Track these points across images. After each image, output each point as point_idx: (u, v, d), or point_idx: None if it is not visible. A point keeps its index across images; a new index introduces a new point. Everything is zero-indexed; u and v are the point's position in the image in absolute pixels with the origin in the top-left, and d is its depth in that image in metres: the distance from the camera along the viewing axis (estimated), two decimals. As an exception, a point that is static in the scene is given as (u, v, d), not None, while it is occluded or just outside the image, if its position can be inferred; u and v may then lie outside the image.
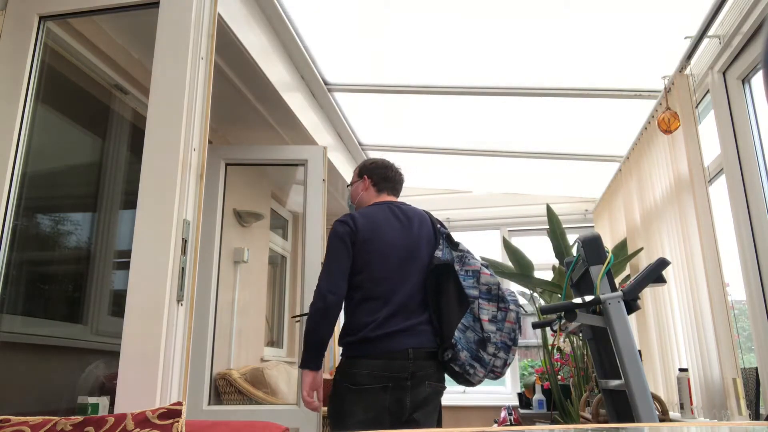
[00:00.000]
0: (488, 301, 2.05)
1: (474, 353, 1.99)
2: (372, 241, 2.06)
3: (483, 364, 1.99)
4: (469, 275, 2.09)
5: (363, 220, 2.10)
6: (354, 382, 1.92)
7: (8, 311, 2.13)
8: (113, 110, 2.76)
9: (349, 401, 1.92)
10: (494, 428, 1.04)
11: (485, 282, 2.07)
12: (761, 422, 2.23)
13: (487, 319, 2.01)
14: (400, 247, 2.09)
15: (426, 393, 1.98)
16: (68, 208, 2.63)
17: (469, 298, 2.04)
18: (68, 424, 1.21)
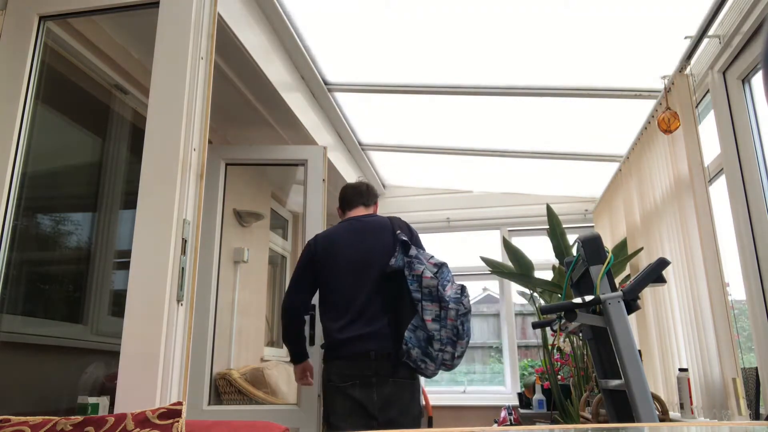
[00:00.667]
0: (431, 302, 2.23)
1: (424, 350, 2.21)
2: (328, 257, 2.41)
3: (432, 358, 2.21)
4: (414, 279, 2.27)
5: (322, 239, 2.48)
6: (329, 380, 2.28)
7: (8, 311, 2.13)
8: (113, 110, 2.76)
9: (328, 397, 2.29)
10: (494, 428, 1.04)
11: (426, 285, 2.25)
12: (761, 422, 2.23)
13: (430, 319, 2.21)
14: (353, 259, 2.39)
15: (391, 389, 2.24)
16: (68, 208, 2.63)
17: (414, 301, 2.24)
18: (68, 424, 1.21)
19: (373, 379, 2.22)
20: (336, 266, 2.38)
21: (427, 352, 2.20)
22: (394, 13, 2.79)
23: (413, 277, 2.26)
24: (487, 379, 5.45)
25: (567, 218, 4.81)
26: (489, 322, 5.73)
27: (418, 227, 5.47)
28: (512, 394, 4.91)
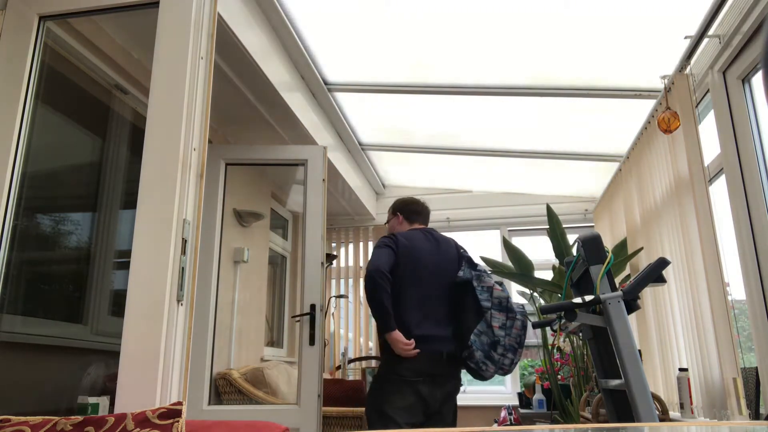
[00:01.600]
0: (499, 311, 2.50)
1: (487, 353, 2.48)
2: (408, 254, 2.56)
3: (493, 362, 2.49)
4: (484, 290, 2.55)
5: (402, 238, 2.63)
6: (399, 374, 2.39)
7: (8, 311, 2.13)
8: (113, 110, 2.76)
9: (391, 388, 2.39)
10: (494, 428, 1.04)
11: (497, 296, 2.53)
12: (761, 422, 2.23)
13: (498, 326, 2.48)
14: (430, 263, 2.59)
15: (450, 388, 2.53)
16: (68, 208, 2.63)
17: (483, 309, 2.50)
18: (68, 424, 1.21)
19: (440, 378, 2.46)
20: (415, 265, 2.56)
21: (490, 356, 2.48)
22: (393, 13, 2.79)
23: (483, 288, 2.56)
24: (487, 379, 5.44)
25: (567, 218, 4.81)
26: (489, 322, 5.72)
27: (418, 227, 5.47)
28: (512, 393, 4.91)
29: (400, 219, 2.87)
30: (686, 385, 2.59)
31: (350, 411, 3.71)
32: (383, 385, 2.45)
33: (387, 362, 2.49)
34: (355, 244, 5.45)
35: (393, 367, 2.43)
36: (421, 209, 2.90)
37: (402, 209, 2.90)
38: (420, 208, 2.91)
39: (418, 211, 2.89)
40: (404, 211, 2.89)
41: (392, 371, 2.43)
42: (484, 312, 2.50)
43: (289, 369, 3.85)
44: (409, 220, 2.86)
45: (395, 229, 2.84)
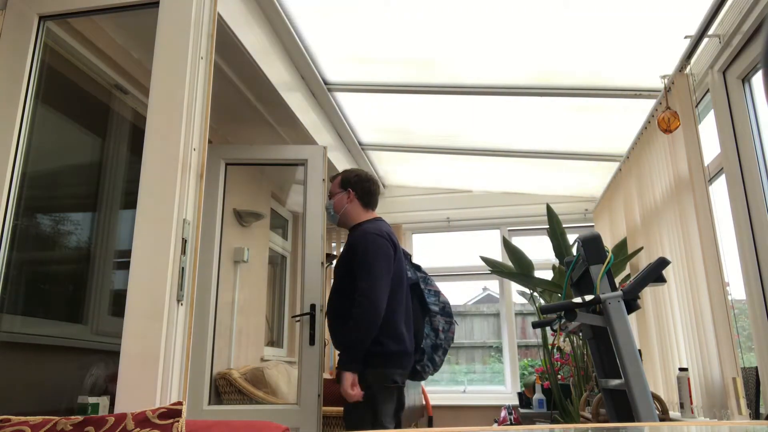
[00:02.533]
0: (442, 316, 2.56)
1: (430, 356, 2.52)
2: (398, 256, 2.42)
3: (434, 364, 2.53)
4: (432, 294, 2.59)
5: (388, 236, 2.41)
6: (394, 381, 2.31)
7: (8, 311, 2.13)
8: (113, 110, 2.76)
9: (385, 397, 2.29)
10: (494, 428, 1.04)
11: (443, 301, 2.58)
12: (761, 422, 2.23)
13: (441, 330, 2.54)
14: (403, 264, 2.48)
15: None
16: (68, 208, 2.63)
17: (431, 312, 2.55)
18: (68, 424, 1.21)
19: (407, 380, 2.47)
20: (401, 268, 2.44)
21: (432, 358, 2.50)
22: (393, 13, 2.79)
23: (431, 291, 2.56)
24: (487, 379, 5.45)
25: (567, 218, 4.80)
26: (489, 321, 5.73)
27: (418, 227, 5.50)
28: (512, 393, 4.91)
29: (351, 197, 2.52)
30: (686, 385, 2.59)
31: (350, 411, 3.71)
32: (375, 395, 2.28)
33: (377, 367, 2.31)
34: (355, 244, 5.44)
35: (385, 373, 2.31)
36: (377, 191, 2.57)
37: (357, 186, 2.52)
38: (376, 188, 2.56)
39: (374, 191, 2.55)
40: (359, 189, 2.52)
41: (386, 378, 2.31)
42: (432, 316, 2.54)
43: (290, 369, 3.85)
44: (364, 203, 2.53)
45: (343, 208, 2.52)
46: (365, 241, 2.34)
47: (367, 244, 2.33)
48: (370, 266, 2.27)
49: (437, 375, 5.61)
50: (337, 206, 2.53)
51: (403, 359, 2.37)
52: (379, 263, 2.29)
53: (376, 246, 2.31)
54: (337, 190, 2.54)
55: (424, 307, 2.55)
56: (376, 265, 2.27)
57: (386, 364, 2.32)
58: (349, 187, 2.51)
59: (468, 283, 6.07)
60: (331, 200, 2.56)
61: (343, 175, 2.55)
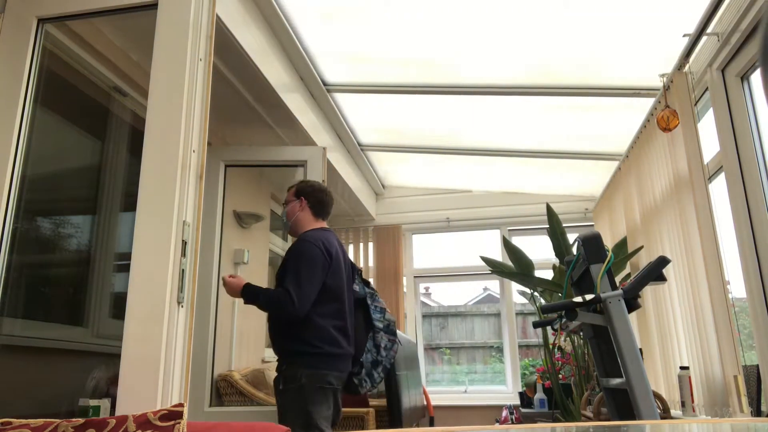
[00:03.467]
0: (386, 333, 2.56)
1: (368, 371, 2.51)
2: (336, 265, 2.42)
3: (372, 380, 2.50)
4: (377, 310, 2.59)
5: (326, 244, 2.42)
6: (329, 382, 2.30)
7: (9, 314, 2.13)
8: (112, 112, 2.76)
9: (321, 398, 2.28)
10: (495, 427, 1.04)
11: (388, 318, 2.59)
12: (763, 419, 2.23)
13: (383, 347, 2.54)
14: (345, 275, 2.49)
15: None
16: (68, 211, 2.63)
17: (376, 329, 2.55)
18: (70, 427, 1.21)
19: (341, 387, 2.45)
20: (340, 277, 2.45)
21: (371, 374, 2.51)
22: (392, 13, 2.79)
23: (377, 308, 2.59)
24: (489, 379, 5.45)
25: (567, 217, 4.80)
26: (490, 321, 5.73)
27: (418, 227, 5.50)
28: (513, 393, 4.91)
29: (303, 205, 2.55)
30: (687, 384, 2.59)
31: (351, 411, 3.71)
32: (308, 394, 2.26)
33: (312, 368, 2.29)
34: (355, 245, 5.45)
35: (320, 374, 2.29)
36: (330, 202, 2.62)
37: (310, 195, 2.57)
38: (330, 201, 2.62)
39: (326, 202, 2.60)
40: (312, 198, 2.56)
41: (320, 378, 2.28)
42: (376, 332, 2.54)
43: (290, 370, 3.84)
44: (315, 212, 2.56)
45: (295, 215, 2.54)
46: (300, 246, 2.42)
47: (301, 249, 2.40)
48: (298, 270, 2.33)
49: (438, 375, 5.62)
50: (289, 214, 2.58)
51: (338, 362, 2.36)
52: (308, 269, 2.34)
53: (308, 253, 2.38)
54: (291, 198, 2.60)
55: (369, 323, 2.56)
56: (303, 270, 2.34)
57: (321, 365, 2.31)
58: (302, 195, 2.58)
59: (468, 283, 6.08)
60: (285, 208, 2.62)
61: (298, 185, 2.63)
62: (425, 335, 5.65)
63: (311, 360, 2.31)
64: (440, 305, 6.35)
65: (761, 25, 0.49)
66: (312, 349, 2.31)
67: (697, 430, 1.24)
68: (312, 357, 2.31)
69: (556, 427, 1.27)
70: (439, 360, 5.68)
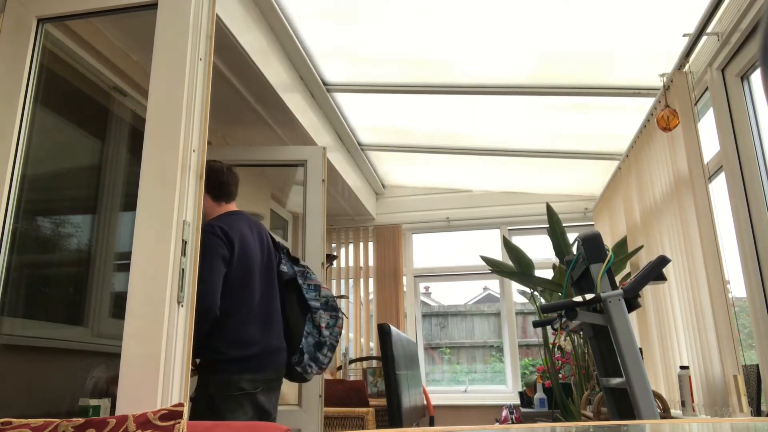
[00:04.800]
0: (325, 311, 2.39)
1: (312, 355, 2.34)
2: (242, 252, 2.21)
3: (318, 363, 2.34)
4: (311, 288, 2.42)
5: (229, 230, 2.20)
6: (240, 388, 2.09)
7: (9, 314, 2.13)
8: (112, 112, 2.76)
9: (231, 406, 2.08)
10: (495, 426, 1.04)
11: (324, 295, 2.41)
12: (763, 418, 2.23)
13: (324, 326, 2.37)
14: (259, 261, 2.30)
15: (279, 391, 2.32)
16: (68, 211, 2.63)
17: (312, 309, 2.38)
18: (70, 426, 1.21)
19: (275, 383, 2.26)
20: (249, 265, 2.24)
21: (315, 357, 2.34)
22: (393, 13, 2.79)
23: (310, 286, 2.42)
24: (489, 379, 5.45)
25: (567, 217, 4.80)
26: (490, 321, 5.73)
27: (418, 227, 5.50)
28: (513, 393, 4.91)
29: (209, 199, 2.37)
30: (687, 383, 2.59)
31: (352, 411, 3.71)
32: (220, 403, 2.07)
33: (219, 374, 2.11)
34: (355, 245, 5.45)
35: (230, 380, 2.09)
36: (231, 181, 2.38)
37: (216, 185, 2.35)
38: (231, 179, 2.38)
39: (229, 183, 2.37)
40: (218, 186, 2.34)
41: (230, 385, 2.09)
42: (313, 312, 2.37)
43: (290, 370, 3.84)
44: (214, 197, 2.34)
45: None
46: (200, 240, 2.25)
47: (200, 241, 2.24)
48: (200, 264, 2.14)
49: (438, 375, 5.63)
50: None
51: (249, 363, 2.15)
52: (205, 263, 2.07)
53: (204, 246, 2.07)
54: None
55: (303, 304, 2.37)
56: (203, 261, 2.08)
57: (229, 370, 2.12)
58: None
59: (468, 283, 6.08)
60: None
61: None
62: (425, 335, 5.66)
63: (217, 366, 2.13)
64: (440, 305, 6.35)
65: (761, 25, 0.49)
66: (218, 355, 2.12)
67: (697, 429, 1.24)
68: (218, 363, 2.13)
69: (556, 427, 1.27)
70: (439, 359, 5.68)
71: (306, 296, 2.39)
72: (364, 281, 5.36)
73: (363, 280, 5.35)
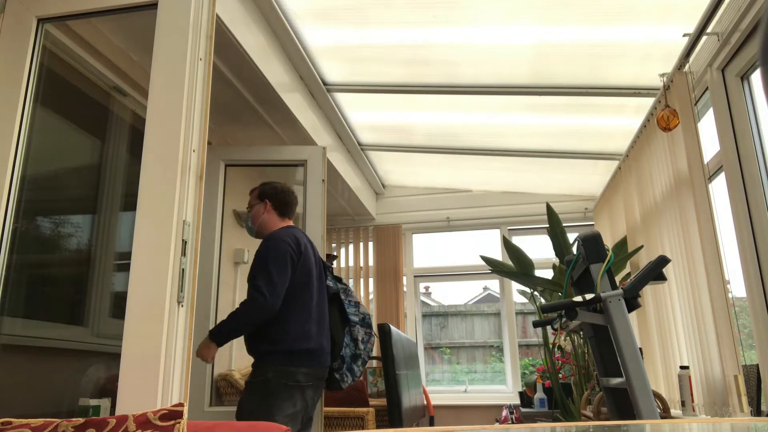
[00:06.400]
0: (362, 327, 2.62)
1: (349, 365, 2.56)
2: (304, 260, 2.47)
3: (353, 374, 2.55)
4: (351, 304, 2.65)
5: (294, 240, 2.46)
6: (297, 380, 2.31)
7: (9, 314, 2.13)
8: (112, 112, 2.76)
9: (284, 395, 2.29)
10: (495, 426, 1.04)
11: (362, 312, 2.65)
12: (763, 418, 2.23)
13: (360, 340, 2.60)
14: (316, 272, 2.55)
15: (321, 393, 2.56)
16: (68, 211, 2.63)
17: (351, 323, 2.61)
18: (70, 426, 1.21)
19: (321, 381, 2.48)
20: (310, 272, 2.49)
21: (351, 368, 2.56)
22: (393, 13, 2.79)
23: (350, 302, 2.65)
24: (489, 379, 5.45)
25: (567, 217, 4.81)
26: (490, 321, 5.73)
27: (418, 227, 5.50)
28: (513, 393, 4.91)
29: (268, 207, 2.60)
30: (687, 383, 2.59)
31: (351, 411, 3.71)
32: (273, 390, 2.27)
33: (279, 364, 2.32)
34: (355, 245, 5.45)
35: (288, 371, 2.31)
36: (294, 201, 2.67)
37: (273, 197, 2.61)
38: (293, 200, 2.66)
39: (291, 203, 2.65)
40: (276, 200, 2.61)
41: (287, 375, 2.30)
42: (352, 326, 2.59)
43: (290, 370, 3.84)
44: (280, 213, 2.61)
45: (260, 218, 2.59)
46: (266, 244, 2.44)
47: (269, 246, 2.43)
48: (266, 265, 2.36)
49: (438, 375, 5.63)
50: (254, 217, 2.61)
51: (309, 358, 2.37)
52: (276, 264, 2.37)
53: (276, 250, 2.41)
54: (255, 202, 2.63)
55: (344, 317, 2.62)
56: (272, 264, 2.36)
57: (289, 362, 2.32)
58: (266, 198, 2.61)
59: (468, 283, 6.07)
60: (250, 212, 2.64)
61: (260, 188, 2.65)
62: (425, 334, 5.66)
63: (279, 358, 2.33)
64: (440, 305, 6.35)
65: (761, 25, 0.49)
66: (279, 346, 2.33)
67: (697, 429, 1.24)
68: (279, 355, 2.33)
69: (556, 427, 1.27)
70: (439, 359, 5.69)
71: (347, 311, 2.61)
72: (364, 281, 5.36)
73: (363, 280, 5.35)
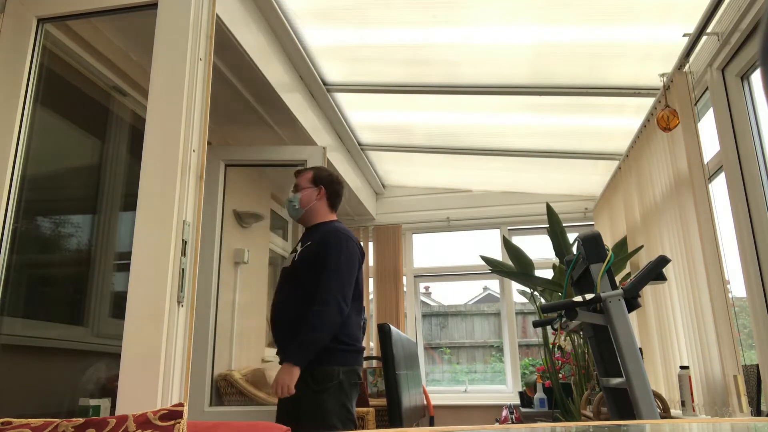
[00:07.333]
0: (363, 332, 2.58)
1: None
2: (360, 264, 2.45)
3: None
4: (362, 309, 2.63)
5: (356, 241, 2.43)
6: (360, 378, 2.38)
7: (9, 314, 2.13)
8: (112, 112, 2.76)
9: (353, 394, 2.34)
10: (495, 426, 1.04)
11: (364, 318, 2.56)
12: (763, 418, 2.23)
13: None
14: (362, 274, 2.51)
15: None
16: (68, 211, 2.63)
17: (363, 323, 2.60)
18: (70, 426, 1.21)
19: None
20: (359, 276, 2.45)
21: None
22: (393, 13, 2.79)
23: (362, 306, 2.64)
24: (489, 379, 5.45)
25: (567, 217, 4.80)
26: (490, 321, 5.73)
27: (418, 227, 5.50)
28: (513, 393, 4.91)
29: (322, 194, 2.47)
30: (687, 383, 2.59)
31: (352, 411, 3.70)
32: (348, 389, 2.30)
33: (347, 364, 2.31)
34: (356, 245, 5.45)
35: (354, 370, 2.34)
36: (342, 194, 2.58)
37: (329, 185, 2.50)
38: (342, 192, 2.58)
39: (342, 195, 2.56)
40: (331, 189, 2.50)
41: (354, 374, 2.34)
42: None
43: (290, 370, 3.84)
44: (330, 203, 2.50)
45: (311, 203, 2.44)
46: (339, 241, 2.32)
47: (341, 245, 2.32)
48: (340, 268, 2.28)
49: (438, 375, 5.63)
50: (304, 201, 2.44)
51: (361, 357, 2.44)
52: (348, 269, 2.30)
53: (349, 251, 2.33)
54: (307, 185, 2.47)
55: None
56: (345, 269, 2.29)
57: (354, 361, 2.36)
58: (321, 184, 2.47)
59: (468, 283, 6.08)
60: (297, 194, 2.46)
61: (315, 171, 2.50)
62: (425, 334, 5.66)
63: (346, 357, 2.32)
64: (440, 304, 6.35)
65: (761, 25, 0.49)
66: (346, 346, 2.33)
67: (697, 429, 1.24)
68: (346, 354, 2.33)
69: (556, 427, 1.27)
70: (439, 359, 5.69)
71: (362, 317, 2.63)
72: (364, 281, 5.35)
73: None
